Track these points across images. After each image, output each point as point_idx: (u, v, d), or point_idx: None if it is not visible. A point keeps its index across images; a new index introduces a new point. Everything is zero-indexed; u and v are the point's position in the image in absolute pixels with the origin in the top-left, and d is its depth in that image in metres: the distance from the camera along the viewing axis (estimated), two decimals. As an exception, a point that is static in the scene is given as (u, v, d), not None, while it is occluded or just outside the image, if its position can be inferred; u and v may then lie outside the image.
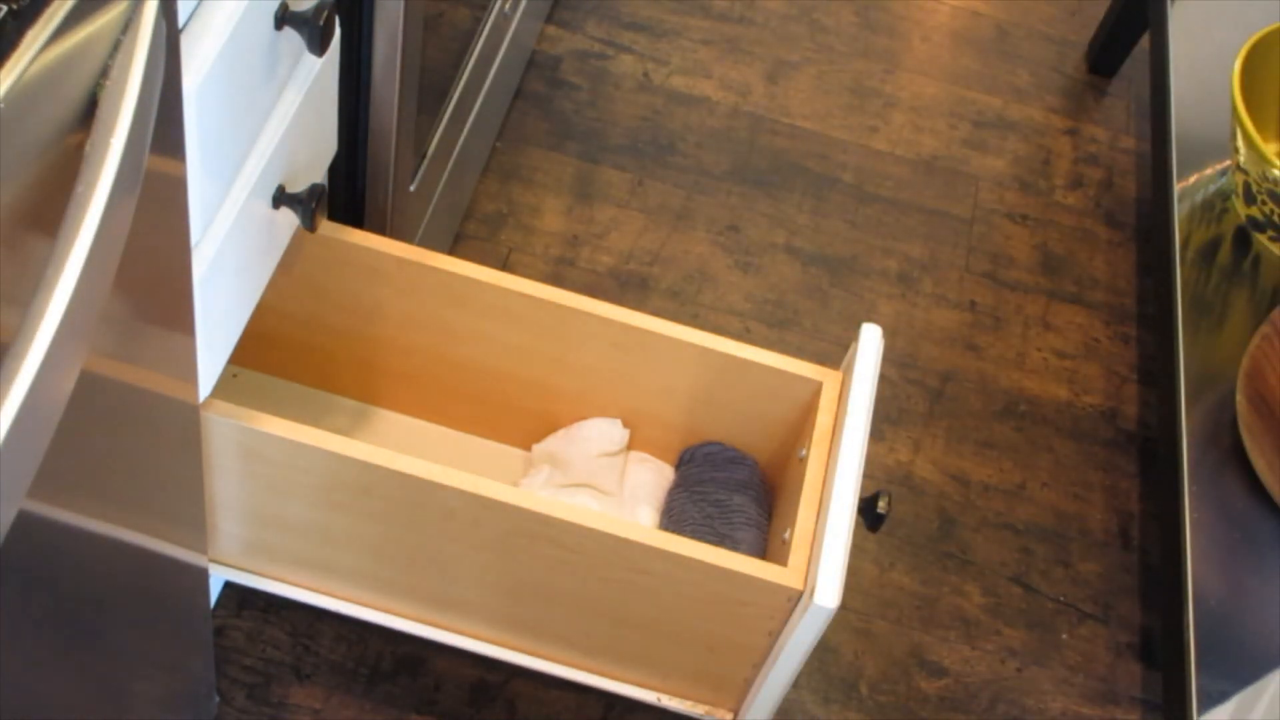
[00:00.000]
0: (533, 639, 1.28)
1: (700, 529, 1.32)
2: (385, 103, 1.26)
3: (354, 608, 1.29)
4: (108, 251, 0.66)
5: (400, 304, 1.33)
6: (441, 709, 1.39)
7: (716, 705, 1.29)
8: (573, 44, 2.04)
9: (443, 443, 1.46)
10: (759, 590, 1.15)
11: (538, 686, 1.41)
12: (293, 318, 1.37)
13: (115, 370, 0.84)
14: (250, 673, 1.38)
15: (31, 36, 0.62)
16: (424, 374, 1.40)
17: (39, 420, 0.63)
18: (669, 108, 1.99)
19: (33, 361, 0.60)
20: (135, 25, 0.69)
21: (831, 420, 1.26)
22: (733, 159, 1.95)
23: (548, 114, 1.95)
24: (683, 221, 1.87)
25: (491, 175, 1.85)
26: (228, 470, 1.18)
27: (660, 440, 1.43)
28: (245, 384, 1.43)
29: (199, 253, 0.98)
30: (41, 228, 0.65)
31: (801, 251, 1.87)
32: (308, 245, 1.28)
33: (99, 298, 0.67)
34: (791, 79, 2.07)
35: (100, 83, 0.67)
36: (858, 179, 1.97)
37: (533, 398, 1.40)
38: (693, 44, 2.08)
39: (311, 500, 1.20)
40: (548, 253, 1.79)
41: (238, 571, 1.29)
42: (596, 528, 1.14)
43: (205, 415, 1.13)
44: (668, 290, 1.79)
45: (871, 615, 1.55)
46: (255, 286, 1.15)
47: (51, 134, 0.66)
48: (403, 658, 1.41)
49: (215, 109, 0.93)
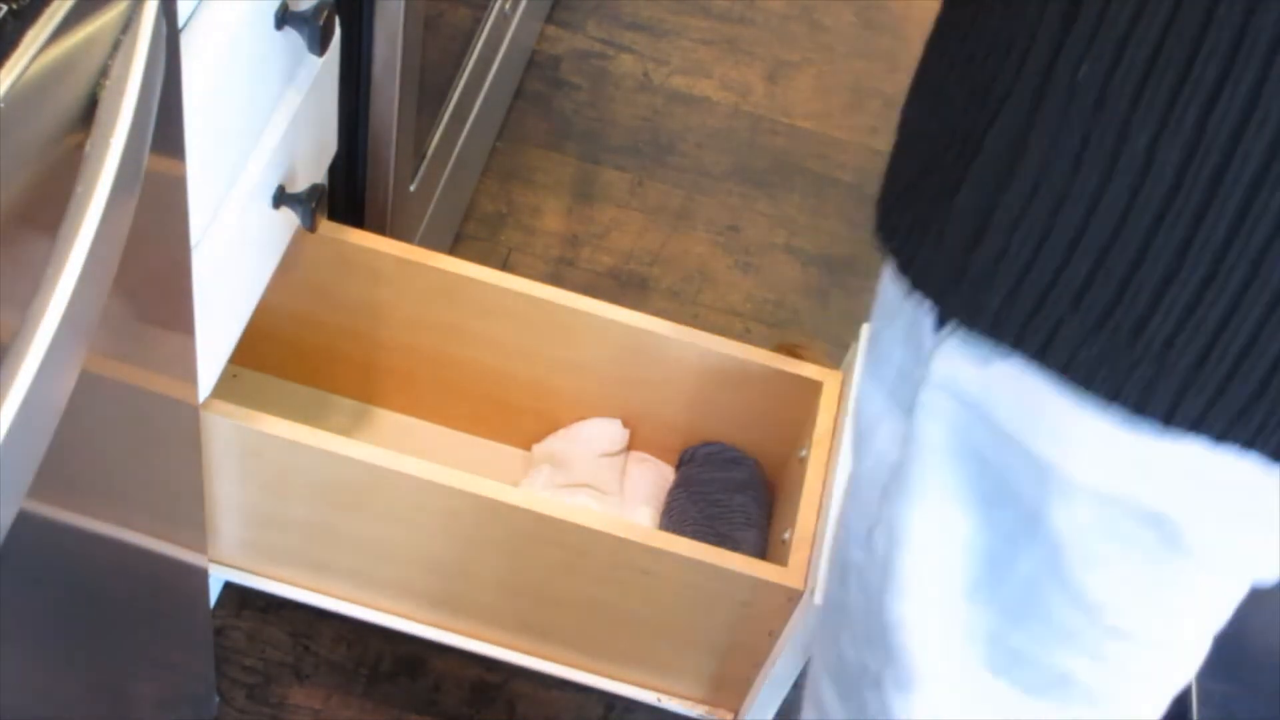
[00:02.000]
0: (533, 639, 1.28)
1: (700, 529, 1.32)
2: (385, 103, 1.26)
3: (354, 608, 1.29)
4: (108, 251, 0.66)
5: (400, 304, 1.33)
6: (441, 709, 1.39)
7: (716, 705, 1.29)
8: (573, 44, 2.04)
9: (443, 443, 1.46)
10: (759, 590, 1.15)
11: (538, 686, 1.41)
12: (293, 318, 1.37)
13: (115, 370, 0.84)
14: (250, 673, 1.38)
15: (31, 36, 0.62)
16: (424, 374, 1.40)
17: (39, 420, 0.63)
18: (669, 108, 1.99)
19: (33, 361, 0.60)
20: (135, 25, 0.69)
21: (831, 420, 1.26)
22: (733, 159, 1.95)
23: (548, 114, 1.95)
24: (683, 221, 1.87)
25: (491, 175, 1.85)
26: (228, 470, 1.18)
27: (660, 440, 1.43)
28: (245, 384, 1.43)
29: (199, 253, 0.98)
30: (41, 228, 0.65)
31: (801, 251, 1.87)
32: (308, 245, 1.28)
33: (99, 298, 0.67)
34: (791, 79, 2.07)
35: (100, 83, 0.67)
36: (858, 179, 1.97)
37: (533, 398, 1.40)
38: (693, 44, 2.08)
39: (311, 500, 1.19)
40: (548, 253, 1.79)
41: (238, 571, 1.29)
42: (597, 528, 1.14)
43: (205, 415, 1.13)
44: (668, 290, 1.79)
45: (871, 615, 1.55)
46: (255, 286, 1.15)
47: (51, 134, 0.66)
48: (403, 658, 1.41)
49: (215, 109, 0.93)
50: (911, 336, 0.73)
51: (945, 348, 0.70)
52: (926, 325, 0.71)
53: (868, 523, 0.81)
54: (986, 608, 0.78)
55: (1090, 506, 0.68)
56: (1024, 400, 0.67)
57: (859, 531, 0.82)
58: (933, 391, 0.72)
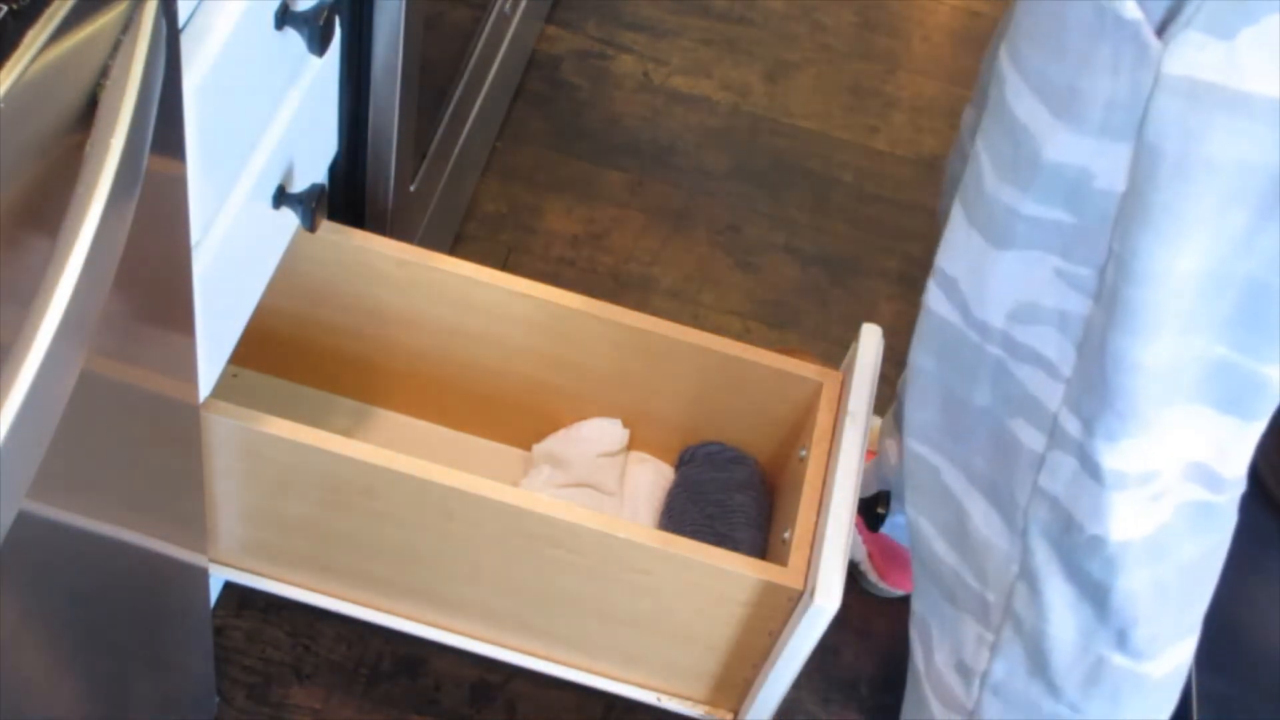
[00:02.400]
0: (533, 639, 1.28)
1: (700, 529, 1.32)
2: (385, 103, 1.26)
3: (354, 608, 1.29)
4: (108, 251, 0.66)
5: (400, 304, 1.33)
6: (441, 709, 1.39)
7: (716, 705, 1.29)
8: (573, 44, 2.04)
9: (443, 443, 1.46)
10: (759, 590, 1.15)
11: (538, 686, 1.41)
12: (293, 318, 1.37)
13: (115, 370, 0.84)
14: (250, 673, 1.38)
15: (31, 36, 0.62)
16: (424, 374, 1.40)
17: (39, 420, 0.63)
18: (669, 108, 1.99)
19: (33, 361, 0.60)
20: (135, 25, 0.69)
21: (831, 420, 1.26)
22: (733, 159, 1.95)
23: (548, 114, 1.95)
24: (683, 221, 1.87)
25: (491, 175, 1.85)
26: (228, 470, 1.18)
27: (660, 440, 1.43)
28: (245, 384, 1.43)
29: (199, 253, 0.98)
30: (41, 228, 0.65)
31: (801, 251, 1.87)
32: (308, 245, 1.28)
33: (99, 298, 0.67)
34: (791, 79, 2.07)
35: (100, 83, 0.67)
36: (858, 179, 1.97)
37: (533, 398, 1.40)
38: (693, 44, 2.08)
39: (311, 500, 1.19)
40: (548, 253, 1.79)
41: (238, 571, 1.29)
42: (596, 528, 1.14)
43: (205, 415, 1.13)
44: (668, 290, 1.79)
45: (871, 615, 1.55)
46: (255, 286, 1.15)
47: (51, 134, 0.66)
48: (403, 658, 1.41)
49: (215, 109, 0.93)
50: (1123, 59, 0.76)
51: (1180, 41, 0.73)
52: (1145, 36, 0.74)
53: (1094, 265, 0.84)
54: (1214, 331, 0.83)
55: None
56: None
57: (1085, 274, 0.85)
58: (1167, 96, 0.75)
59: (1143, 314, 0.82)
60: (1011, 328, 0.91)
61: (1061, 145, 0.82)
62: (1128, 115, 0.77)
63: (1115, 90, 0.77)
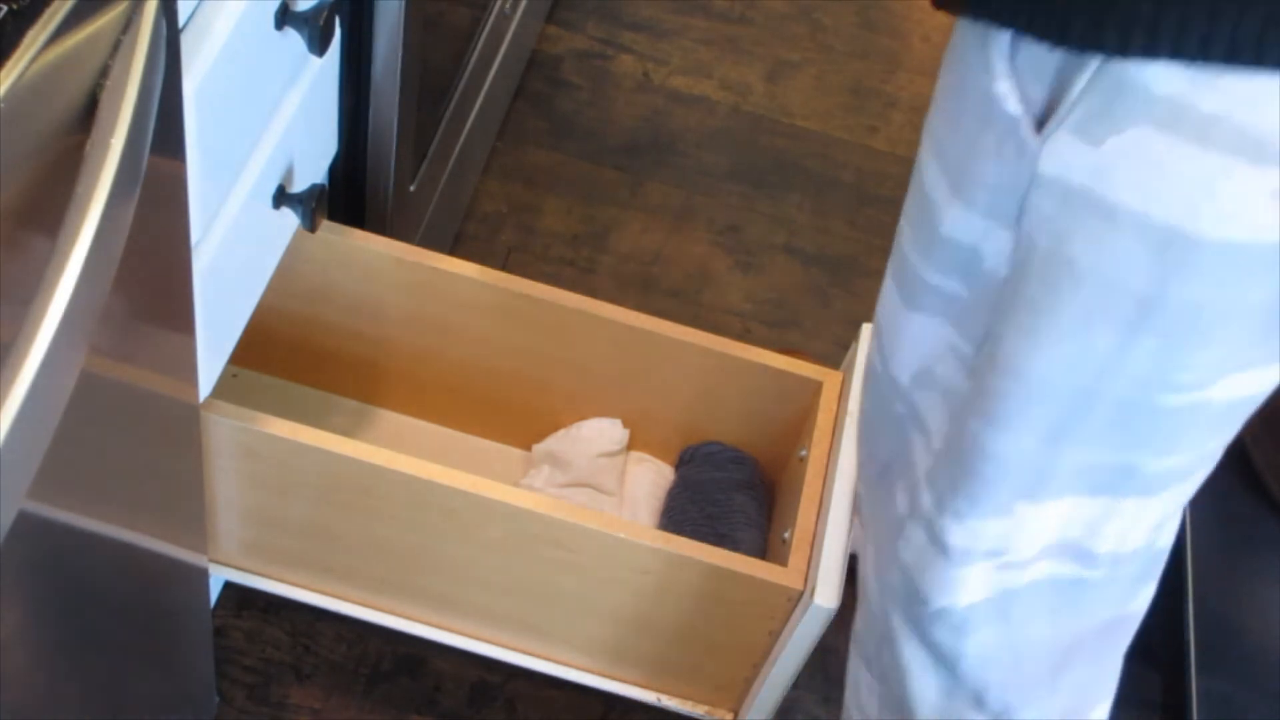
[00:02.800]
0: (533, 639, 1.28)
1: (700, 529, 1.32)
2: (385, 103, 1.26)
3: (354, 608, 1.29)
4: (108, 251, 0.66)
5: (400, 304, 1.33)
6: (441, 709, 1.39)
7: (716, 705, 1.29)
8: (573, 44, 2.04)
9: (443, 443, 1.46)
10: (759, 590, 1.15)
11: (538, 686, 1.41)
12: (293, 318, 1.37)
13: (115, 370, 0.84)
14: (250, 673, 1.38)
15: (31, 36, 0.62)
16: (424, 374, 1.40)
17: (39, 420, 0.63)
18: (669, 108, 1.99)
19: (33, 361, 0.60)
20: (135, 25, 0.69)
21: (831, 420, 1.26)
22: (733, 159, 1.95)
23: (548, 114, 1.95)
24: (683, 221, 1.87)
25: (491, 175, 1.85)
26: (228, 470, 1.18)
27: (660, 440, 1.43)
28: (245, 384, 1.43)
29: (199, 253, 0.98)
30: (41, 228, 0.65)
31: (801, 251, 1.87)
32: (308, 245, 1.28)
33: (99, 298, 0.67)
34: (791, 79, 2.07)
35: (100, 83, 0.67)
36: (858, 179, 1.97)
37: (533, 398, 1.40)
38: (693, 44, 2.08)
39: (311, 500, 1.20)
40: (548, 253, 1.79)
41: (238, 571, 1.29)
42: (596, 528, 1.14)
43: (205, 415, 1.13)
44: (668, 290, 1.79)
45: (871, 615, 1.55)
46: (255, 286, 1.15)
47: (51, 134, 0.66)
48: (403, 658, 1.41)
49: (215, 109, 0.93)
50: (1006, 149, 0.74)
51: (1054, 140, 0.71)
52: (1024, 133, 0.73)
53: (976, 344, 0.82)
54: (1084, 445, 0.80)
55: (1214, 272, 0.70)
56: (1145, 167, 0.68)
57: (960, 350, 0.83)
58: (1042, 194, 0.73)
59: (1002, 405, 0.79)
60: (913, 390, 0.89)
61: (956, 221, 0.80)
62: (1010, 203, 0.75)
63: (1000, 177, 0.75)
